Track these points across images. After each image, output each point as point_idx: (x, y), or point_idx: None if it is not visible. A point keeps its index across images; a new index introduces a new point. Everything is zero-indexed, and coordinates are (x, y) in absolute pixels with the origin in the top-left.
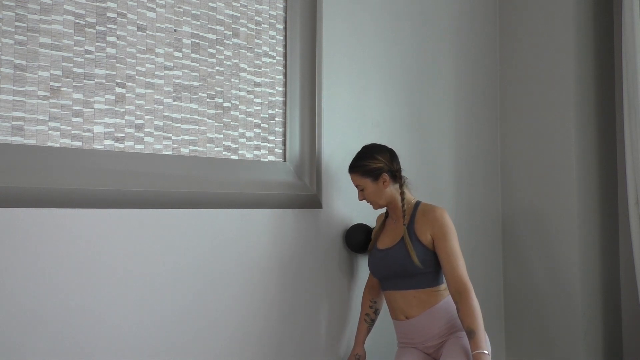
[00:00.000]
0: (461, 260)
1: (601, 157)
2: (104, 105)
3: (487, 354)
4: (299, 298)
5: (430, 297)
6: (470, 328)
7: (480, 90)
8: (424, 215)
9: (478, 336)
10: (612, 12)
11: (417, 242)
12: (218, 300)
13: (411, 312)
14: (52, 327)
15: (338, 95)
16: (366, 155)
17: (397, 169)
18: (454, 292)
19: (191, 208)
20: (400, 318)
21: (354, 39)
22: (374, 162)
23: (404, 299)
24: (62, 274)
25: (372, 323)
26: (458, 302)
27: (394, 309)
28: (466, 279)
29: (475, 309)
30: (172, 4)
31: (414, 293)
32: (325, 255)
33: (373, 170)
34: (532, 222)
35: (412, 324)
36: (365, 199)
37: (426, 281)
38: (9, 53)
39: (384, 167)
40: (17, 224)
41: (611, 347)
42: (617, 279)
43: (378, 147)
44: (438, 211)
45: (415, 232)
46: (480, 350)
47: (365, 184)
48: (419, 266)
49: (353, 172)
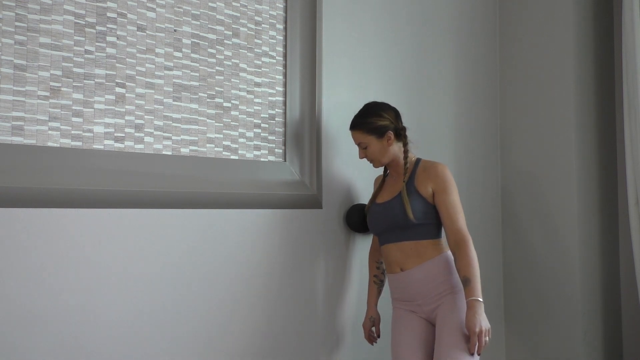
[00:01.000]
0: (461, 214)
1: (601, 157)
2: (104, 105)
3: (480, 301)
4: (299, 298)
5: (427, 249)
6: (466, 276)
7: (480, 90)
8: (425, 171)
9: (473, 284)
10: (612, 12)
11: (417, 195)
12: (218, 300)
13: (407, 264)
14: (52, 327)
15: (338, 95)
16: (371, 113)
17: (402, 127)
18: (452, 244)
19: (191, 208)
20: (395, 270)
21: (354, 39)
22: (380, 120)
23: (401, 251)
24: (62, 274)
25: (381, 284)
26: (456, 253)
27: (390, 262)
28: (466, 231)
29: (473, 258)
30: (172, 4)
31: (412, 244)
32: (325, 255)
33: (379, 128)
34: (532, 222)
35: (407, 276)
36: (367, 157)
37: (424, 233)
38: (9, 53)
39: (389, 125)
40: (17, 224)
41: (611, 347)
42: (617, 279)
43: (383, 105)
44: (440, 166)
45: (416, 186)
46: (474, 297)
47: (370, 141)
48: (413, 220)
49: (357, 129)
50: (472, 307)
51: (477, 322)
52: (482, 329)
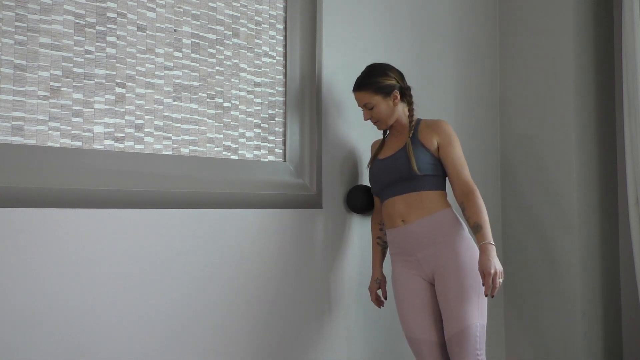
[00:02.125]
0: (466, 166)
1: (601, 157)
2: (104, 105)
3: (493, 245)
4: (298, 298)
5: (432, 201)
6: (477, 223)
7: (480, 90)
8: (428, 127)
9: (484, 229)
10: (612, 12)
11: (422, 148)
12: (218, 300)
13: (410, 216)
14: (52, 327)
15: (338, 95)
16: (377, 72)
17: (407, 86)
18: (459, 194)
19: (191, 208)
20: (397, 224)
21: (354, 39)
22: (387, 79)
23: (406, 202)
24: (61, 274)
25: (385, 245)
26: (464, 202)
27: (392, 215)
28: (472, 182)
29: (481, 205)
30: (172, 4)
31: (416, 195)
32: (325, 255)
33: (385, 87)
34: (532, 222)
35: (409, 229)
36: (372, 117)
37: (430, 184)
38: (9, 53)
39: (395, 84)
40: (17, 224)
41: (611, 347)
42: (617, 279)
43: (386, 65)
44: (442, 122)
45: (420, 140)
46: (486, 241)
47: (377, 101)
48: (417, 172)
49: (364, 89)
50: (485, 250)
51: (491, 265)
52: (497, 270)
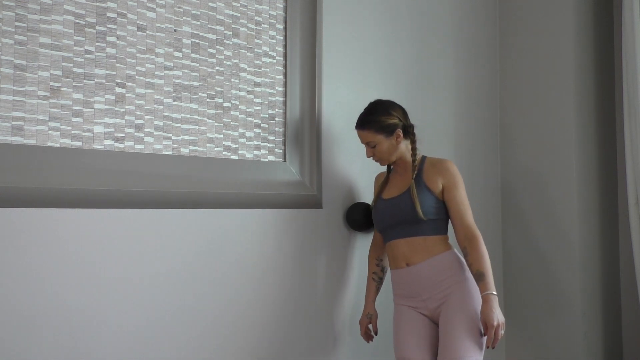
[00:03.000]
0: (470, 210)
1: (601, 157)
2: (104, 105)
3: (495, 295)
4: (298, 298)
5: (436, 245)
6: (479, 270)
7: (480, 90)
8: (433, 167)
9: (487, 278)
10: (612, 12)
11: (426, 191)
12: (217, 300)
13: (414, 258)
14: (52, 327)
15: (338, 95)
16: (379, 111)
17: (410, 124)
18: (462, 239)
19: (191, 208)
20: (401, 266)
21: (354, 39)
22: (389, 118)
23: (409, 246)
24: (61, 274)
25: (380, 281)
26: (467, 247)
27: (396, 257)
28: (475, 227)
29: (484, 253)
30: (172, 4)
31: (421, 240)
32: (325, 255)
33: (388, 126)
34: (532, 222)
35: (414, 271)
36: (375, 155)
37: (434, 228)
38: (9, 53)
39: (398, 123)
40: (17, 224)
41: (611, 347)
42: (617, 279)
43: (389, 103)
44: (448, 162)
45: (425, 182)
46: (489, 292)
47: (379, 140)
48: (422, 217)
49: (366, 128)
50: (488, 301)
51: (494, 317)
52: (499, 322)
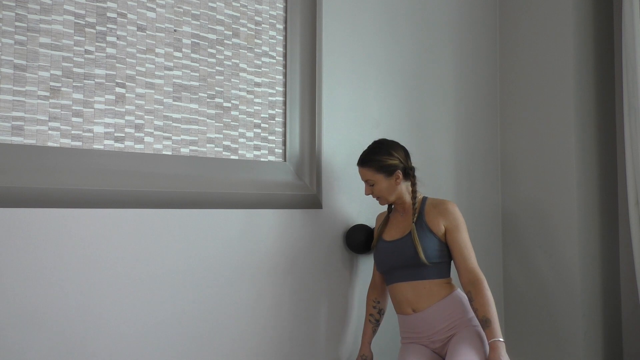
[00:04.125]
0: (473, 252)
1: (601, 157)
2: (104, 105)
3: (502, 342)
4: (299, 298)
5: (441, 289)
6: (485, 317)
7: (480, 90)
8: (434, 208)
9: (493, 324)
10: (612, 12)
11: (429, 233)
12: (217, 300)
13: (420, 304)
14: (52, 327)
15: (338, 95)
16: (381, 151)
17: (411, 167)
18: (466, 283)
19: (191, 208)
20: (407, 312)
21: (354, 39)
22: (390, 159)
23: (414, 291)
24: (62, 274)
25: (377, 324)
26: (472, 292)
27: (401, 302)
28: (479, 270)
29: (490, 298)
30: (172, 4)
31: (425, 284)
32: (325, 255)
33: (388, 167)
34: (532, 222)
35: (421, 317)
36: (373, 194)
37: (438, 272)
38: (9, 53)
39: (398, 165)
40: (17, 224)
41: (611, 347)
42: (617, 279)
43: (392, 143)
44: (450, 204)
45: (427, 224)
46: (497, 339)
47: (378, 179)
48: (425, 262)
49: (366, 166)
50: (496, 348)
51: None
52: None
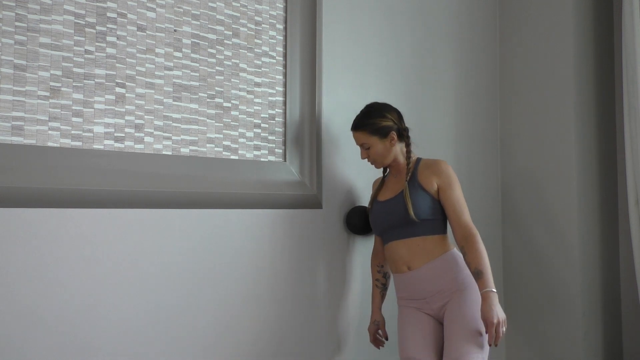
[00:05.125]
0: (466, 209)
1: (601, 157)
2: (104, 105)
3: (494, 292)
4: (298, 298)
5: (435, 246)
6: (477, 269)
7: (480, 90)
8: (427, 168)
9: (486, 276)
10: (612, 12)
11: (421, 191)
12: (217, 300)
13: (415, 262)
14: (52, 326)
15: (338, 95)
16: (374, 113)
17: (405, 127)
18: (460, 238)
19: (191, 208)
20: (402, 270)
21: (354, 39)
22: (384, 120)
23: (408, 248)
24: (62, 274)
25: (384, 287)
26: (465, 247)
27: (396, 260)
28: (472, 225)
29: (482, 251)
30: (172, 4)
31: (419, 241)
32: (325, 255)
33: (382, 129)
34: (533, 223)
35: (415, 275)
36: (369, 157)
37: (431, 228)
38: (9, 53)
39: (392, 126)
40: (17, 224)
41: (611, 347)
42: (617, 279)
43: (385, 106)
44: (442, 162)
45: (420, 182)
46: (488, 289)
47: (373, 142)
48: (414, 219)
49: (360, 130)
50: (487, 298)
51: (494, 314)
52: (500, 320)
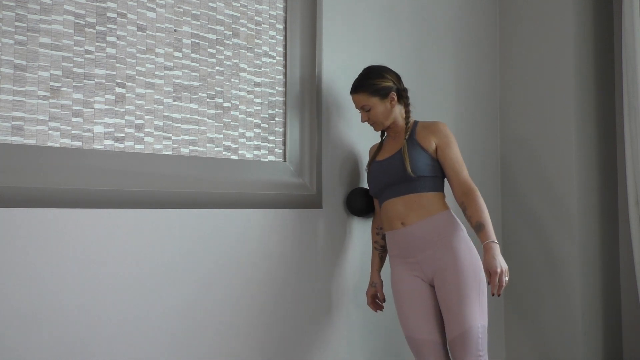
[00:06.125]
0: (464, 166)
1: (601, 157)
2: (104, 105)
3: (496, 243)
4: (299, 298)
5: (432, 203)
6: (479, 222)
7: (480, 91)
8: (425, 128)
9: (487, 228)
10: (612, 12)
11: (420, 149)
12: (217, 300)
13: (410, 218)
14: (52, 327)
15: (338, 95)
16: (373, 75)
17: (404, 88)
18: (460, 194)
19: (191, 208)
20: (396, 226)
21: (354, 39)
22: (383, 81)
23: (405, 204)
24: (61, 274)
25: (382, 250)
26: (465, 202)
27: (392, 218)
28: (471, 182)
29: (482, 205)
30: (172, 4)
31: (415, 197)
32: (325, 255)
33: (382, 89)
34: (533, 222)
35: (409, 231)
36: (369, 119)
37: (429, 186)
38: (9, 53)
39: (392, 86)
40: (17, 224)
41: (611, 347)
42: (617, 279)
43: (383, 67)
44: (440, 123)
45: (418, 141)
46: (490, 240)
47: (373, 103)
48: (412, 175)
49: (360, 91)
50: (490, 249)
51: (497, 263)
52: (502, 269)
